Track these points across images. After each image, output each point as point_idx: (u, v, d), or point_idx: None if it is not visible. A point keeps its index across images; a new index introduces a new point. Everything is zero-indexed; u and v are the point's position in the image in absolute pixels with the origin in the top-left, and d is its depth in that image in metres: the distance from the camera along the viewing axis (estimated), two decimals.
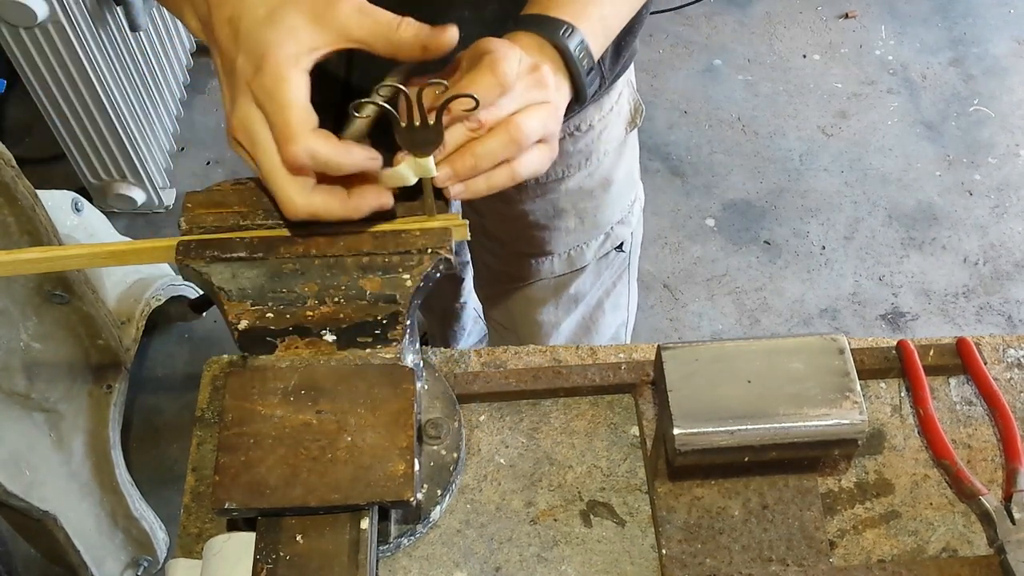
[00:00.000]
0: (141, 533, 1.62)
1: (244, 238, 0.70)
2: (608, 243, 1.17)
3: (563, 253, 1.15)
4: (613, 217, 1.15)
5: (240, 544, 0.67)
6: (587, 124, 1.03)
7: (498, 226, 1.15)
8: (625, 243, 1.19)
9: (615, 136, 1.08)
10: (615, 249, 1.19)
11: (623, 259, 1.22)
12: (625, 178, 1.13)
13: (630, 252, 1.22)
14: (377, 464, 0.65)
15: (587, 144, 1.04)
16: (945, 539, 0.78)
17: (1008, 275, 2.14)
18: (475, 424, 0.83)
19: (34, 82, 1.77)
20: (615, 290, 1.25)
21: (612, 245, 1.18)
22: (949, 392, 0.85)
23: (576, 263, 1.17)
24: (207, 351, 1.98)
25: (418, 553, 0.77)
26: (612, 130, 1.06)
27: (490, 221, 1.15)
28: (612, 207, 1.13)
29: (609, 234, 1.16)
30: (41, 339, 1.31)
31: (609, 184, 1.10)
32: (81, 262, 0.76)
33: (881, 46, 2.53)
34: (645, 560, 0.77)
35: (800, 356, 0.71)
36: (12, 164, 1.13)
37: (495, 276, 1.24)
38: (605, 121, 1.04)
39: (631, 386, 0.83)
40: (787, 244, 2.19)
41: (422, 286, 0.69)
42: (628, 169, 1.14)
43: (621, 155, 1.10)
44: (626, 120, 1.09)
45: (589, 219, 1.12)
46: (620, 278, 1.25)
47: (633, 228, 1.20)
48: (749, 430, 0.69)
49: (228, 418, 0.67)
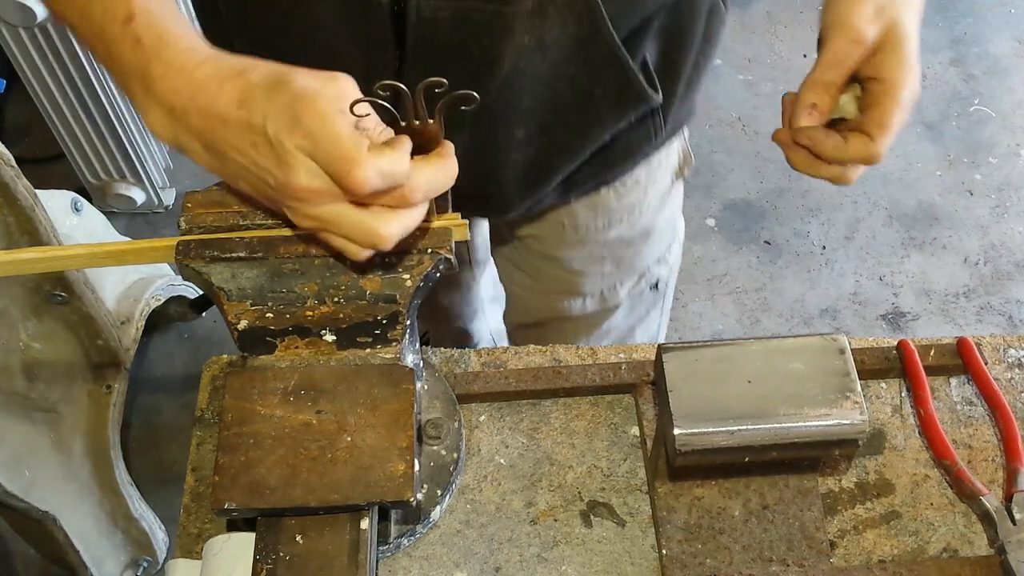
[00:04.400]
0: (141, 533, 1.62)
1: (244, 238, 0.70)
2: (643, 282, 1.15)
3: (595, 294, 1.13)
4: (651, 260, 1.12)
5: (240, 544, 0.67)
6: (634, 180, 1.00)
7: (531, 266, 1.13)
8: (661, 280, 1.17)
9: (661, 188, 1.05)
10: (650, 288, 1.17)
11: (659, 294, 1.20)
12: (666, 225, 1.11)
13: (667, 285, 1.20)
14: (377, 464, 0.65)
15: (632, 200, 1.02)
16: (946, 539, 0.78)
17: (1009, 275, 2.13)
18: (475, 424, 0.83)
19: (33, 82, 1.77)
20: (648, 317, 1.23)
21: (647, 284, 1.16)
22: (950, 392, 0.85)
23: (609, 302, 1.15)
24: (207, 351, 1.99)
25: (418, 553, 0.77)
26: (659, 183, 1.04)
27: (524, 260, 1.13)
28: (651, 252, 1.11)
29: (645, 274, 1.14)
30: (41, 339, 1.31)
31: (650, 233, 1.08)
32: (80, 262, 0.76)
33: None
34: (645, 560, 0.77)
35: (800, 356, 0.71)
36: (12, 164, 1.13)
37: (526, 309, 1.22)
38: (653, 176, 1.02)
39: (631, 386, 0.83)
40: (787, 244, 2.19)
41: (422, 286, 0.69)
42: (670, 216, 1.11)
43: (664, 205, 1.08)
44: (673, 171, 1.06)
45: (626, 264, 1.10)
46: (654, 307, 1.22)
47: (671, 263, 1.17)
48: (749, 430, 0.69)
49: (228, 418, 0.67)
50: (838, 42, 0.73)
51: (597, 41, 0.78)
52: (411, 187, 0.60)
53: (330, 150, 0.57)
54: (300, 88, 0.58)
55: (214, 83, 0.60)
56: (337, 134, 0.57)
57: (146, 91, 0.62)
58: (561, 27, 0.75)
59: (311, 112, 0.57)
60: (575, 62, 0.79)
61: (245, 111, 0.59)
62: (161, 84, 0.61)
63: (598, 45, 0.78)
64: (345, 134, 0.58)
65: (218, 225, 0.70)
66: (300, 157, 0.58)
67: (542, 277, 1.13)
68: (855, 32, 0.72)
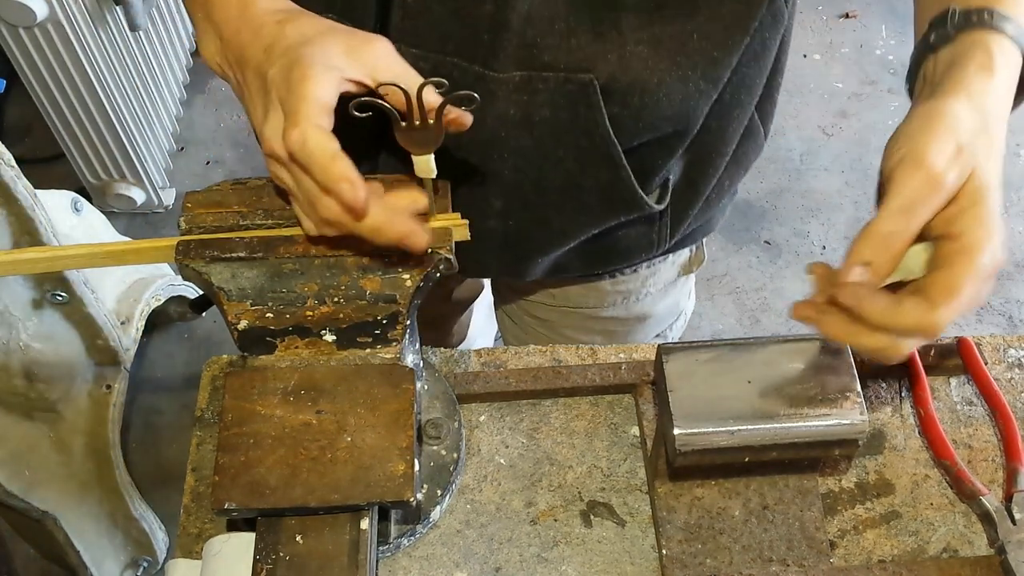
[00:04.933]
0: (141, 533, 1.62)
1: (244, 238, 0.70)
2: None
3: None
4: (647, 338, 1.08)
5: (240, 544, 0.67)
6: (632, 270, 0.97)
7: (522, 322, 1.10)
8: None
9: (663, 280, 1.01)
10: None
11: None
12: (666, 312, 1.06)
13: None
14: (377, 464, 0.65)
15: (628, 288, 0.99)
16: (946, 539, 0.78)
17: (1008, 275, 2.13)
18: (475, 424, 0.83)
19: (33, 82, 1.77)
20: None
21: None
22: (950, 392, 0.85)
23: None
24: (207, 351, 1.99)
25: (418, 553, 0.77)
26: (661, 276, 1.00)
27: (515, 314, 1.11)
28: (646, 332, 1.07)
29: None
30: (41, 339, 1.31)
31: (647, 318, 1.04)
32: (80, 262, 0.76)
33: (882, 46, 2.52)
34: (645, 560, 0.77)
35: (801, 356, 0.71)
36: (12, 164, 1.13)
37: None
38: (655, 269, 0.98)
39: (631, 386, 0.83)
40: (787, 244, 2.19)
41: (422, 286, 0.69)
42: (672, 303, 1.06)
43: (666, 294, 1.03)
44: (680, 267, 1.01)
45: (618, 339, 1.06)
46: None
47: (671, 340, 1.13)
48: (749, 430, 0.69)
49: (228, 418, 0.67)
50: (911, 183, 0.58)
51: (591, 133, 0.73)
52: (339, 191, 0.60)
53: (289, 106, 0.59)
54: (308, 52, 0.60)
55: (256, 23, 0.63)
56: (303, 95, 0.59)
57: (206, 16, 0.66)
58: (551, 108, 0.72)
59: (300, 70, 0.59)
60: (565, 147, 0.75)
61: (265, 57, 0.62)
62: (218, 13, 0.65)
63: (592, 138, 0.74)
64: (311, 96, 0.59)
65: (218, 225, 0.70)
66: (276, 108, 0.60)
67: (530, 333, 1.10)
68: (933, 173, 0.58)
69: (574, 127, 0.73)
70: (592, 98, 0.71)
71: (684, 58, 0.71)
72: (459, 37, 0.68)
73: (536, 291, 1.03)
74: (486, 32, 0.68)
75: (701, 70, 0.72)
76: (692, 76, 0.72)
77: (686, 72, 0.72)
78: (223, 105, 2.36)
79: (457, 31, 0.68)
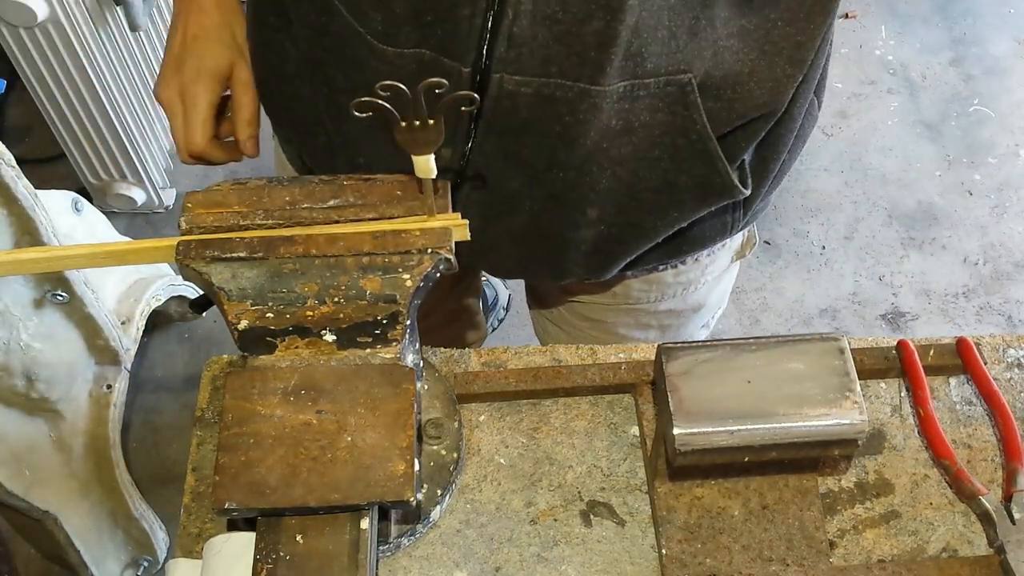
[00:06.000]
0: (141, 533, 1.62)
1: (244, 238, 0.70)
2: None
3: None
4: (695, 327, 1.10)
5: (240, 544, 0.67)
6: (693, 259, 0.97)
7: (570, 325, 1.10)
8: None
9: (719, 267, 1.02)
10: None
11: None
12: (717, 300, 1.08)
13: None
14: (377, 464, 0.65)
15: (689, 278, 1.00)
16: (945, 539, 0.78)
17: (1008, 275, 2.13)
18: (475, 424, 0.83)
19: (34, 82, 1.77)
20: None
21: None
22: (949, 392, 0.85)
23: None
24: (207, 351, 1.99)
25: (418, 553, 0.77)
26: (718, 263, 1.01)
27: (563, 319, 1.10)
28: (697, 321, 1.08)
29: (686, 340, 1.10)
30: (41, 339, 1.31)
31: (701, 307, 1.05)
32: (81, 262, 0.76)
33: (881, 46, 2.53)
34: (645, 560, 0.77)
35: (800, 356, 0.71)
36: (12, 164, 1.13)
37: None
38: (714, 256, 0.99)
39: (631, 386, 0.83)
40: (787, 244, 2.19)
41: (422, 286, 0.69)
42: (723, 291, 1.08)
43: (720, 281, 1.05)
44: (734, 252, 1.02)
45: (671, 333, 1.07)
46: None
47: (712, 330, 1.15)
48: (749, 430, 0.69)
49: (228, 418, 0.67)
50: None
51: (688, 131, 0.74)
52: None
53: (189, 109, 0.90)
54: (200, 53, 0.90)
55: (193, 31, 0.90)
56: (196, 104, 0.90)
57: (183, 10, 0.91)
58: (651, 112, 0.72)
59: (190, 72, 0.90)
60: (661, 147, 0.75)
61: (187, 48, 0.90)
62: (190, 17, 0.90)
63: (689, 135, 0.74)
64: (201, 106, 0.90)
65: (218, 225, 0.70)
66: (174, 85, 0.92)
67: (581, 337, 1.09)
68: None
69: (672, 128, 0.74)
70: (690, 97, 0.72)
71: (771, 45, 0.72)
72: (564, 58, 0.68)
73: (595, 292, 1.03)
74: (593, 49, 0.67)
75: (787, 55, 0.73)
76: (778, 62, 0.73)
77: (773, 59, 0.73)
78: None
79: (563, 53, 0.68)
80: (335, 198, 0.72)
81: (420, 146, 0.65)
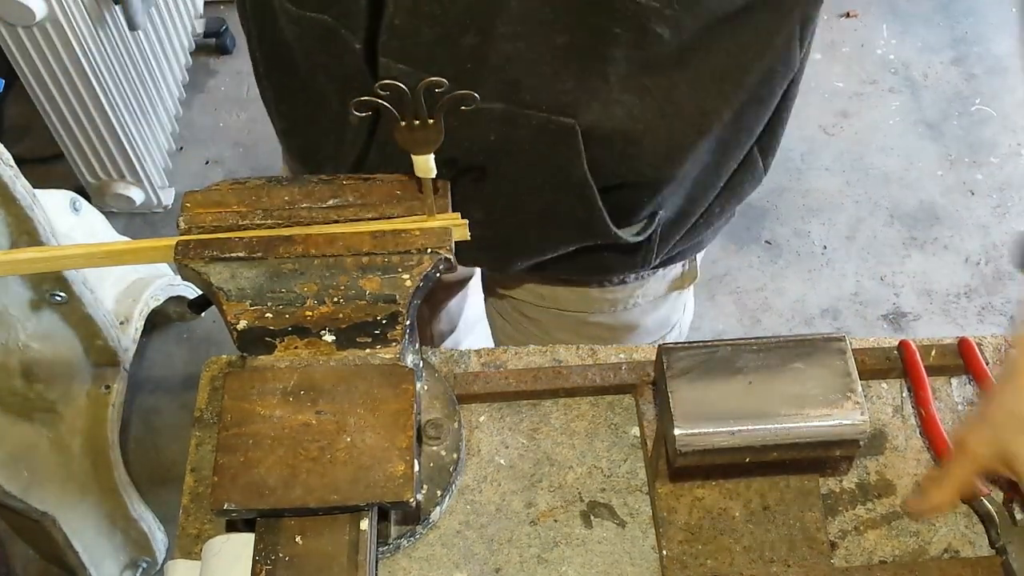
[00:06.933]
0: (140, 534, 1.62)
1: (243, 238, 0.69)
2: None
3: None
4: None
5: (239, 545, 0.67)
6: (619, 279, 0.96)
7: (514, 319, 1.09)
8: None
9: (652, 292, 0.99)
10: None
11: None
12: (656, 325, 1.05)
13: None
14: (376, 465, 0.64)
15: (617, 296, 0.98)
16: (947, 540, 0.77)
17: (1010, 275, 2.13)
18: (475, 424, 0.83)
19: (32, 81, 1.77)
20: None
21: None
22: (951, 392, 0.84)
23: None
24: (206, 351, 1.99)
25: (418, 554, 0.77)
26: (649, 288, 0.99)
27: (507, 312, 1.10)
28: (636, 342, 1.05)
29: None
30: (40, 339, 1.31)
31: (635, 328, 1.03)
32: (79, 262, 0.75)
33: (883, 45, 2.52)
34: (646, 561, 0.77)
35: (801, 356, 0.71)
36: (10, 164, 1.12)
37: None
38: (643, 281, 0.97)
39: (631, 386, 0.83)
40: (788, 244, 2.18)
41: (422, 286, 0.69)
42: (663, 317, 1.05)
43: (656, 308, 1.02)
44: (670, 282, 1.00)
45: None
46: None
47: None
48: (750, 431, 0.68)
49: (227, 418, 0.66)
50: None
51: (570, 174, 0.74)
52: None
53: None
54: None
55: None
56: None
57: None
58: (533, 143, 0.72)
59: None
60: (543, 176, 0.76)
61: None
62: None
63: (570, 177, 0.74)
64: None
65: (217, 225, 0.70)
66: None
67: (523, 333, 1.09)
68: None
69: (553, 164, 0.74)
70: (572, 141, 0.71)
71: (672, 107, 0.71)
72: (444, 61, 0.68)
73: (526, 291, 1.02)
74: (469, 62, 0.68)
75: (690, 121, 0.72)
76: (678, 125, 0.72)
77: (672, 122, 0.72)
78: (222, 105, 2.35)
79: (444, 56, 0.68)
80: (334, 198, 0.72)
81: (420, 146, 0.64)
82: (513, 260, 0.88)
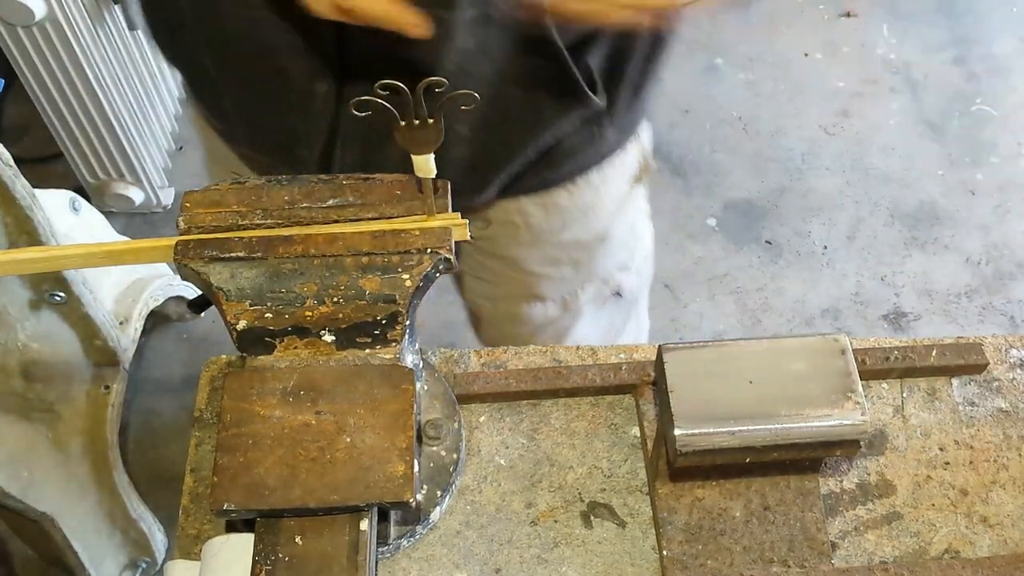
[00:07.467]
0: (139, 534, 1.62)
1: (243, 238, 0.69)
2: (606, 288, 1.13)
3: (556, 299, 1.11)
4: (611, 265, 1.11)
5: (239, 545, 0.67)
6: (585, 181, 0.99)
7: (488, 270, 1.11)
8: (624, 289, 1.15)
9: (616, 191, 1.03)
10: (613, 295, 1.15)
11: (626, 303, 1.18)
12: (625, 233, 1.09)
13: (636, 295, 1.18)
14: (376, 465, 0.64)
15: (585, 202, 1.01)
16: (947, 540, 0.77)
17: (1011, 275, 2.13)
18: (475, 425, 0.83)
19: (32, 81, 1.77)
20: (623, 330, 1.21)
21: (610, 291, 1.14)
22: (951, 392, 0.84)
23: (571, 308, 1.13)
24: (205, 351, 1.98)
25: (418, 554, 0.77)
26: (612, 186, 1.02)
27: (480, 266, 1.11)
28: (610, 257, 1.10)
29: (608, 280, 1.12)
30: (39, 339, 1.31)
31: (606, 238, 1.06)
32: (79, 262, 0.75)
33: (883, 45, 2.52)
34: (646, 561, 0.77)
35: (802, 356, 0.71)
36: (10, 163, 1.12)
37: (490, 322, 1.21)
38: (606, 178, 1.01)
39: (632, 387, 0.83)
40: (789, 244, 2.18)
41: (422, 286, 0.69)
42: (630, 223, 1.10)
43: (622, 210, 1.06)
44: (630, 177, 1.04)
45: (584, 268, 1.09)
46: (628, 320, 1.21)
47: (636, 271, 1.16)
48: (750, 431, 0.68)
49: (227, 419, 0.66)
50: None
51: (542, 48, 0.78)
52: None
53: None
54: None
55: None
56: None
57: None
58: (506, 32, 0.76)
59: None
60: (519, 64, 0.80)
61: None
62: None
63: (543, 52, 0.79)
64: None
65: (217, 225, 0.70)
66: None
67: (499, 281, 1.11)
68: None
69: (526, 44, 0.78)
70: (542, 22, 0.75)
71: None
72: None
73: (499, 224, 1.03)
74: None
75: None
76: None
77: None
78: None
79: None
80: (334, 198, 0.71)
81: (420, 145, 0.64)
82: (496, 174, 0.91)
